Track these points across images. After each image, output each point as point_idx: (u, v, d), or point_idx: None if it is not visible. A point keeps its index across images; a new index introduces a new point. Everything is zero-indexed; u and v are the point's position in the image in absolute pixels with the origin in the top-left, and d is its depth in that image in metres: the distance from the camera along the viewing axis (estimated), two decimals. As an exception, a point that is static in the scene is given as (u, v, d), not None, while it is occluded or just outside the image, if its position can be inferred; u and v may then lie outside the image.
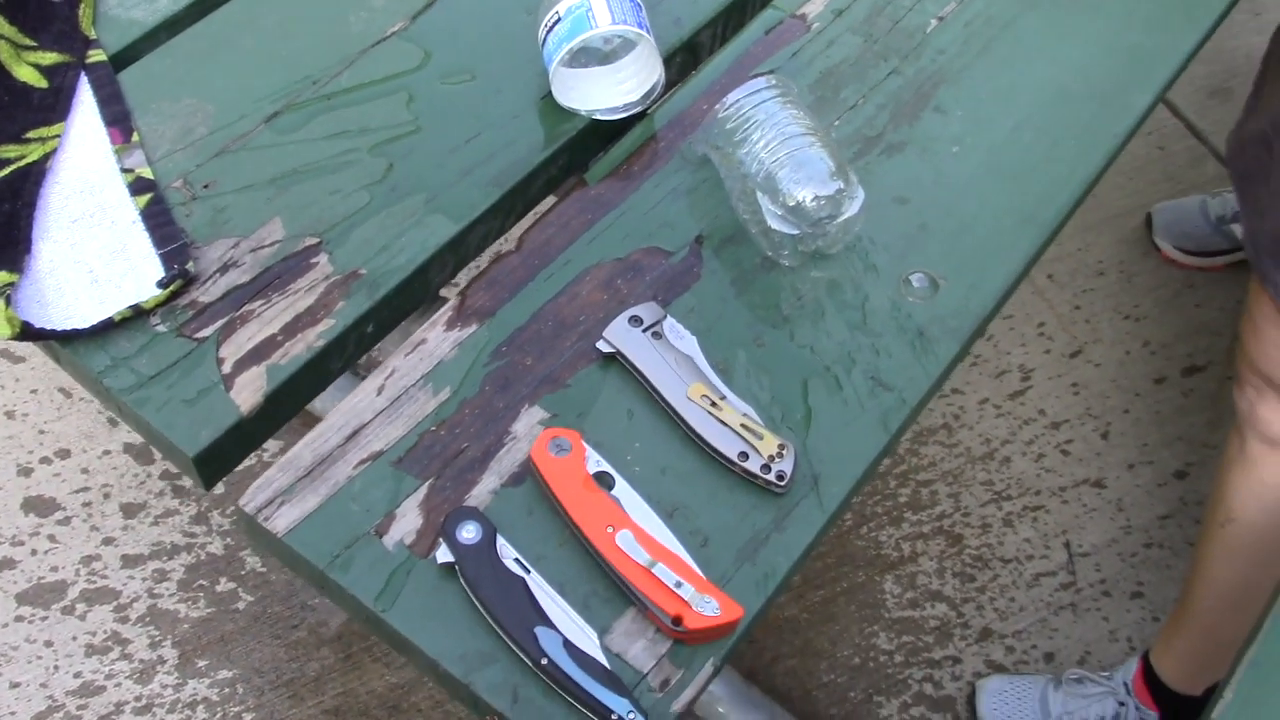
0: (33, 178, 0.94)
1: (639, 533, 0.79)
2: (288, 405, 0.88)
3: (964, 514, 1.79)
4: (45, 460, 1.77)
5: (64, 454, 1.77)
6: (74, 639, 1.60)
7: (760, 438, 0.84)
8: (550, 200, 1.01)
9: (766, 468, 0.83)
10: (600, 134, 1.02)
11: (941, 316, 0.93)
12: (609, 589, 0.79)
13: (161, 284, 0.89)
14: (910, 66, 1.07)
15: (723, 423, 0.84)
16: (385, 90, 1.02)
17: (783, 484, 0.83)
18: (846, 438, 0.87)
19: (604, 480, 0.83)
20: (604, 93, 1.00)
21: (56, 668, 1.58)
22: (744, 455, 0.84)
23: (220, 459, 0.86)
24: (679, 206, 0.97)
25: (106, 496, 1.74)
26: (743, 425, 0.84)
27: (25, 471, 1.76)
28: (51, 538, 1.70)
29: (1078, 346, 1.96)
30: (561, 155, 1.01)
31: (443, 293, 0.99)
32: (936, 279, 0.94)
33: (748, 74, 1.05)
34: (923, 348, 0.91)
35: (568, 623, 0.77)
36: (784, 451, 0.84)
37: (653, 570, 0.78)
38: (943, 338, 0.92)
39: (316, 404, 0.93)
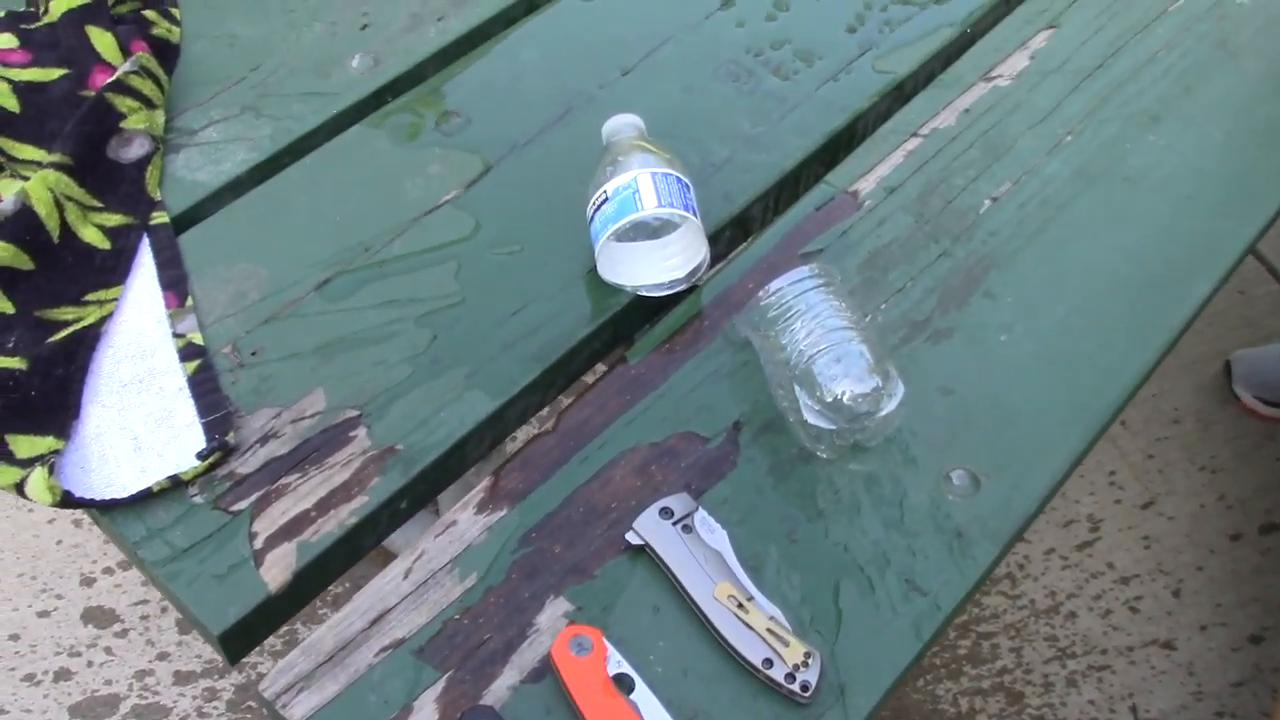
0: (87, 342, 0.96)
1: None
2: (316, 582, 0.88)
3: (1026, 670, 1.73)
4: (108, 570, 1.80)
5: (126, 564, 1.80)
6: (121, 757, 1.61)
7: (786, 644, 0.82)
8: (598, 368, 1.01)
9: (791, 676, 0.81)
10: (645, 309, 1.02)
11: (982, 517, 0.91)
12: (622, 799, 0.77)
13: (201, 455, 0.90)
14: (961, 248, 1.06)
15: (749, 625, 0.83)
16: (435, 259, 1.04)
17: (807, 694, 0.81)
18: (877, 645, 0.84)
19: (623, 683, 0.81)
20: (649, 269, 1.00)
21: (103, 786, 1.59)
22: (768, 662, 0.82)
23: (246, 636, 0.86)
24: (719, 389, 0.96)
25: (164, 610, 1.76)
26: (769, 630, 0.83)
27: (88, 581, 1.79)
28: (108, 650, 1.72)
29: (1150, 497, 1.91)
30: (605, 330, 1.01)
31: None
32: (979, 475, 0.92)
33: (797, 251, 1.05)
34: (961, 550, 0.89)
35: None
36: (809, 660, 0.82)
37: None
38: (982, 540, 0.89)
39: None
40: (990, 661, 1.74)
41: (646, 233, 0.99)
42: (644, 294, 1.01)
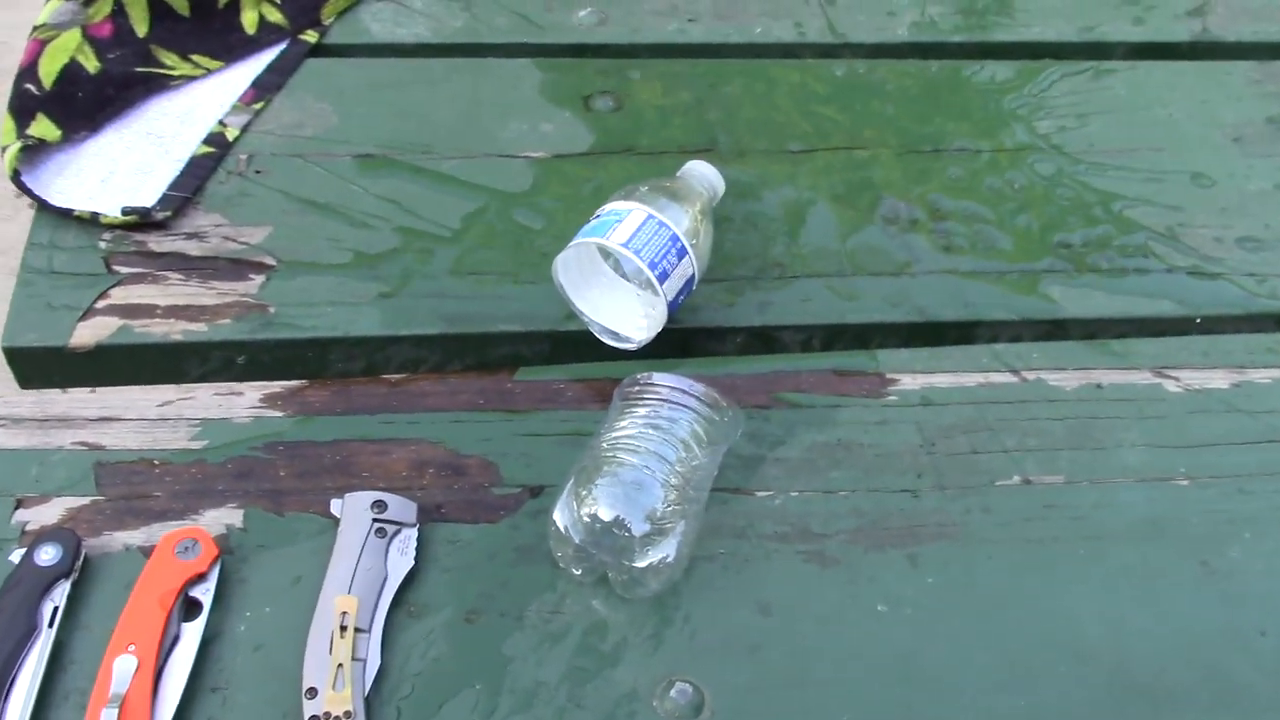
0: (154, 85, 1.03)
1: (143, 676, 0.71)
2: (113, 366, 0.89)
3: None
4: None
5: None
6: None
7: (338, 689, 0.72)
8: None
9: (321, 717, 0.71)
10: (591, 344, 0.93)
11: (665, 743, 0.74)
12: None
13: (124, 211, 0.94)
14: (942, 499, 0.86)
15: (330, 648, 0.73)
16: (466, 194, 1.01)
17: (316, 747, 0.71)
18: (435, 766, 0.72)
19: (192, 605, 0.75)
20: (610, 308, 0.91)
21: None
22: (313, 691, 0.72)
23: (33, 365, 0.89)
24: (561, 453, 0.85)
25: None
26: (340, 664, 0.73)
27: None
28: None
29: None
30: (538, 340, 0.93)
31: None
32: (705, 699, 0.75)
33: (773, 394, 0.90)
34: (606, 754, 0.73)
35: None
36: (349, 715, 0.71)
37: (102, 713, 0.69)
38: (638, 763, 0.73)
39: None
40: None
41: (623, 273, 0.90)
42: (594, 331, 0.92)
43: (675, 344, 0.94)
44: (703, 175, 0.95)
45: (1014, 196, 1.05)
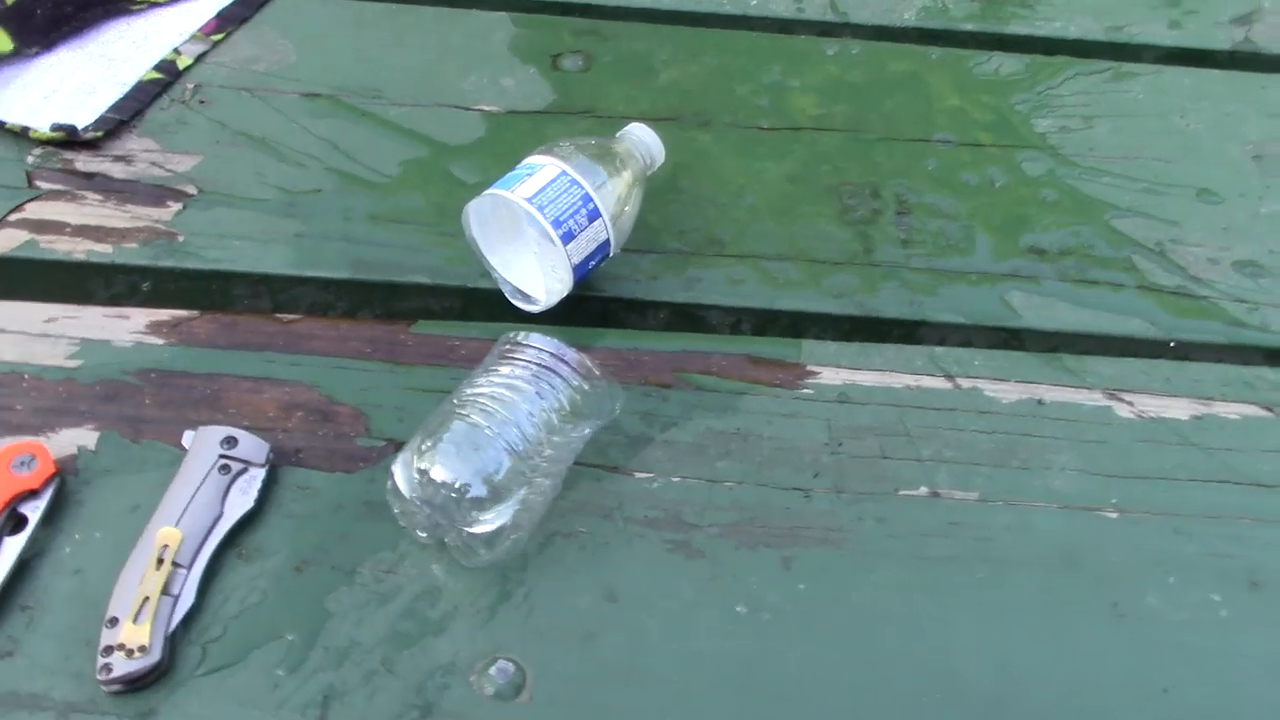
0: (115, 9, 1.02)
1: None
2: (14, 283, 0.88)
3: None
4: None
5: None
6: None
7: (139, 623, 0.69)
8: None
9: (110, 650, 0.68)
10: (502, 305, 0.88)
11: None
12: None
13: (53, 126, 0.93)
14: (834, 504, 0.79)
15: (142, 577, 0.70)
16: (405, 141, 0.97)
17: (107, 676, 0.67)
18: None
19: (17, 520, 0.73)
20: (518, 265, 0.86)
21: None
22: (114, 620, 0.69)
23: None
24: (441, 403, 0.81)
25: None
26: (146, 597, 0.70)
27: None
28: None
29: None
30: (449, 295, 0.89)
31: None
32: (526, 676, 0.70)
33: (672, 370, 0.84)
34: (408, 725, 0.68)
35: None
36: (139, 653, 0.68)
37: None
38: (439, 739, 0.68)
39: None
40: None
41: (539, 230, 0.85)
42: (504, 290, 0.88)
43: (593, 313, 0.89)
44: (640, 140, 0.90)
45: (990, 194, 0.97)
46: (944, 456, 0.81)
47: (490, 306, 0.88)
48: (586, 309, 0.89)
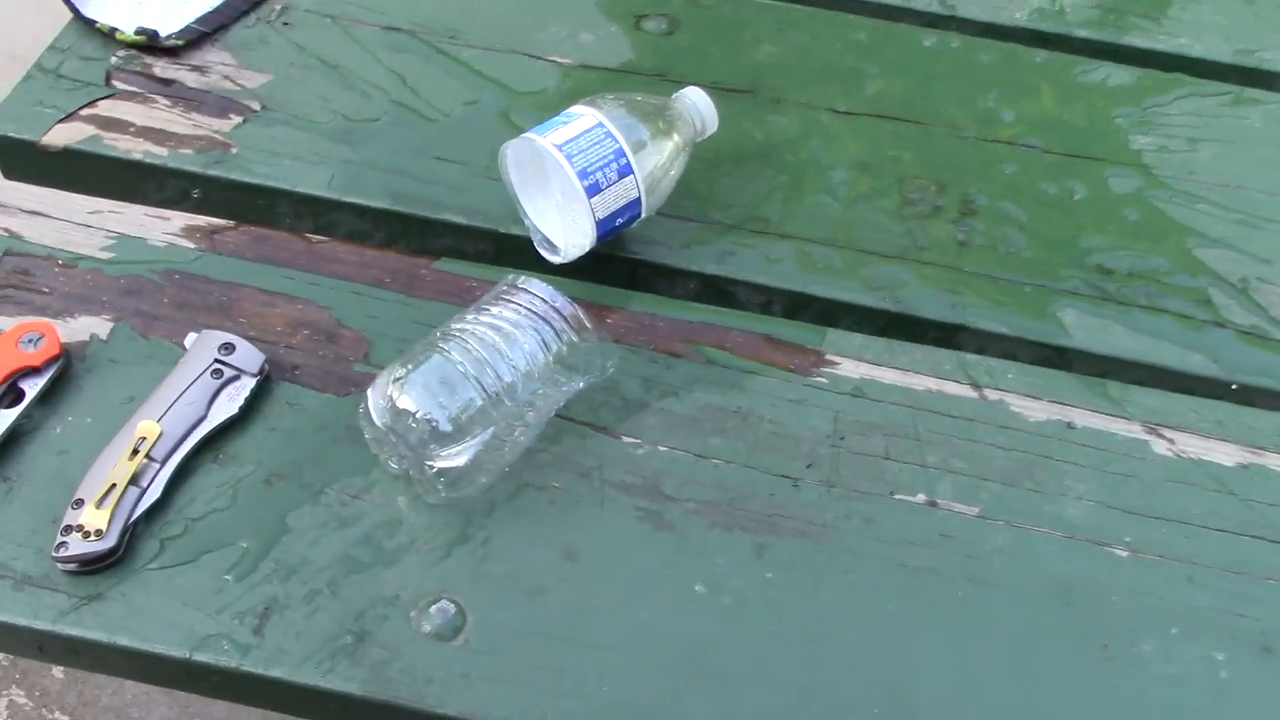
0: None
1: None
2: (78, 175, 0.91)
3: None
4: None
5: None
6: None
7: (101, 508, 0.70)
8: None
9: (70, 529, 0.70)
10: (519, 250, 0.87)
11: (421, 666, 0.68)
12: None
13: (138, 30, 0.96)
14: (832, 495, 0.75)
15: (115, 462, 0.72)
16: (473, 81, 0.97)
17: (62, 553, 0.69)
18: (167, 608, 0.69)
19: (14, 394, 0.75)
20: (549, 212, 0.85)
21: None
22: (80, 502, 0.71)
23: (10, 157, 0.92)
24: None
25: None
26: (112, 485, 0.71)
27: None
28: None
29: None
30: (480, 237, 0.88)
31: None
32: (467, 618, 0.69)
33: (686, 340, 0.82)
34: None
35: None
36: (96, 536, 0.69)
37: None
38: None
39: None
40: None
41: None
42: (533, 238, 0.86)
43: (621, 274, 0.87)
44: (693, 104, 0.87)
45: (1067, 206, 0.91)
46: (951, 466, 0.76)
47: (520, 255, 0.87)
48: (615, 269, 0.87)
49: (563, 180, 0.80)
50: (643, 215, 0.84)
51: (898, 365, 0.81)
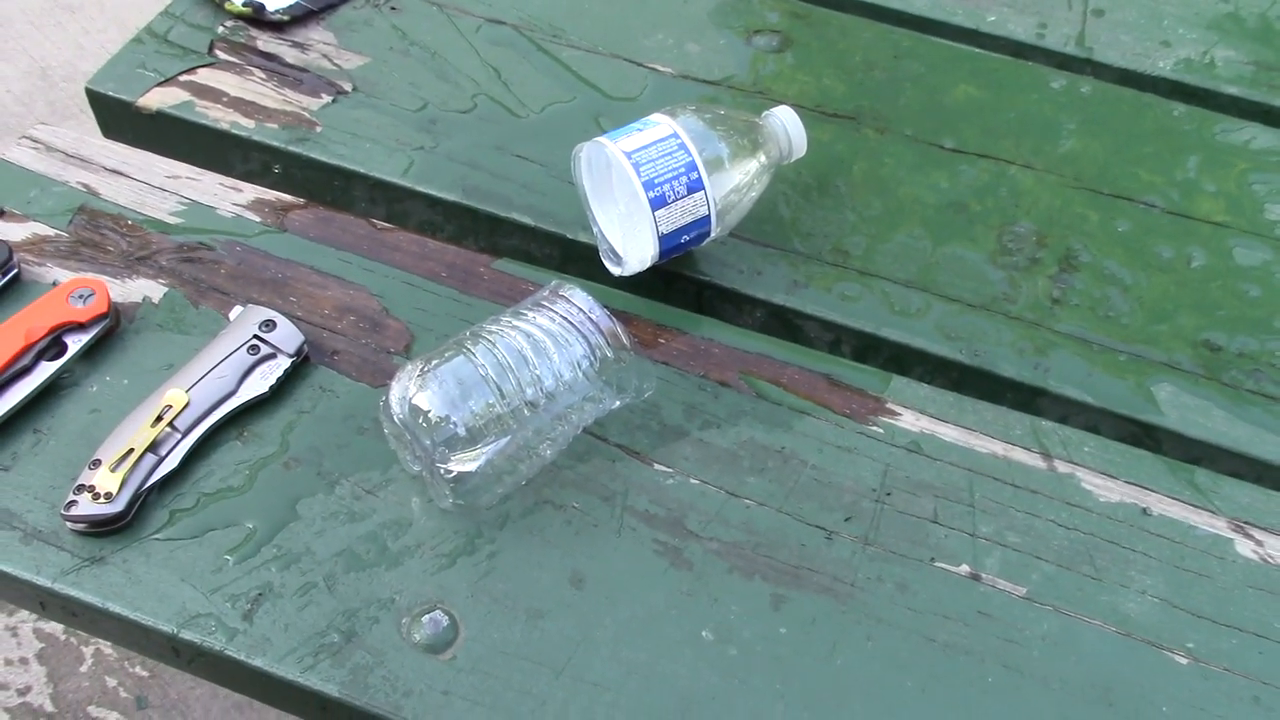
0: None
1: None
2: (170, 139, 0.91)
3: None
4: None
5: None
6: None
7: (115, 471, 0.69)
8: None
9: (82, 488, 0.69)
10: (585, 258, 0.84)
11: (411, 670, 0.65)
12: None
13: (245, 2, 0.96)
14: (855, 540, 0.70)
15: (136, 428, 0.71)
16: (568, 81, 0.94)
17: (69, 513, 0.68)
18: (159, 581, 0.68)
19: (60, 349, 0.75)
20: (616, 222, 0.82)
21: None
22: (96, 462, 0.70)
23: (108, 114, 0.93)
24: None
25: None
26: (130, 449, 0.70)
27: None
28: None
29: None
30: (547, 240, 0.86)
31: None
32: (459, 626, 0.66)
33: (732, 372, 0.77)
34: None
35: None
36: (107, 498, 0.68)
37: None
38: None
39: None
40: None
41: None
42: (599, 246, 0.83)
43: (688, 295, 0.84)
44: (782, 124, 0.83)
45: (1181, 273, 0.84)
46: (1004, 540, 0.70)
47: (586, 264, 0.84)
48: (680, 289, 0.83)
49: (628, 189, 0.77)
50: (713, 235, 0.80)
51: (964, 424, 0.75)
